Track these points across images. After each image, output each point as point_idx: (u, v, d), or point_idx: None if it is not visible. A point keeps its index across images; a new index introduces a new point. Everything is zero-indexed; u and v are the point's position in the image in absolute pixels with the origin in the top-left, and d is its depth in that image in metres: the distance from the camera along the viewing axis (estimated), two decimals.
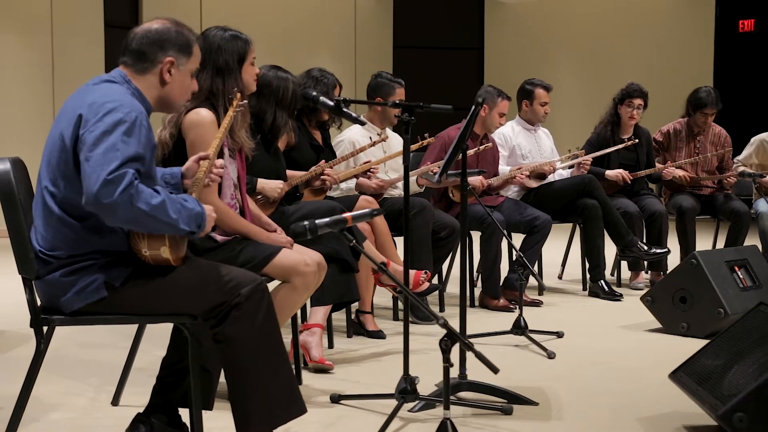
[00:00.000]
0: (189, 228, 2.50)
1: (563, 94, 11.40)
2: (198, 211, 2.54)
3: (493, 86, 5.69)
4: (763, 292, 4.73)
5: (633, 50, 11.67)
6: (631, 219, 5.93)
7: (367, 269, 4.47)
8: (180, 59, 2.69)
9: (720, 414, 2.73)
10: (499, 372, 2.63)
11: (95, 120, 2.45)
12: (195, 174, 2.78)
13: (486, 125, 5.59)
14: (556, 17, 12.28)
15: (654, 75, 10.61)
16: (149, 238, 2.52)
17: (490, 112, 5.54)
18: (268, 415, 2.60)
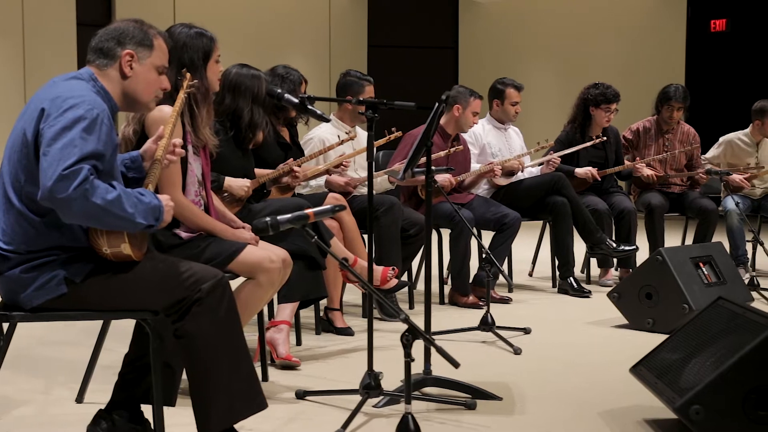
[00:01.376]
0: (146, 221, 2.51)
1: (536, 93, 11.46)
2: (155, 204, 2.54)
3: (464, 86, 5.72)
4: (727, 288, 4.79)
5: (606, 50, 11.75)
6: (600, 216, 5.98)
7: (336, 266, 4.48)
8: (140, 53, 2.69)
9: (677, 407, 2.76)
10: (459, 366, 2.67)
11: (56, 115, 2.46)
12: (152, 156, 2.78)
13: (459, 125, 5.61)
14: (530, 17, 12.35)
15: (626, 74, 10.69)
16: (108, 235, 2.52)
17: (463, 112, 5.56)
18: (228, 410, 2.61)
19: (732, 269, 5.13)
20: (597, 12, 11.94)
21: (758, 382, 2.72)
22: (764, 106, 6.58)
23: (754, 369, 2.73)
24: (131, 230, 2.52)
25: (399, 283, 4.42)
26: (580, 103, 6.31)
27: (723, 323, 3.07)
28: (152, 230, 2.58)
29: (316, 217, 2.81)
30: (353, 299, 5.44)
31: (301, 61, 10.36)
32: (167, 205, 2.59)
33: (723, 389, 2.72)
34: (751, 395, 2.72)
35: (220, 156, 3.70)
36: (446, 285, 5.71)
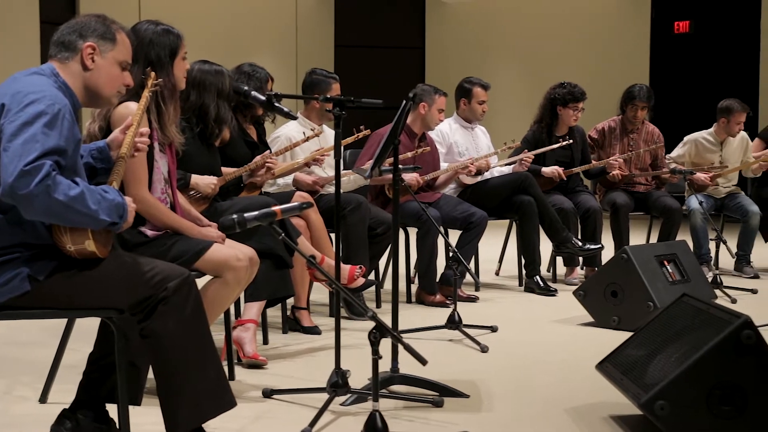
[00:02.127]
0: (110, 219, 2.48)
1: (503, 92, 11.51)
2: (119, 201, 2.52)
3: (428, 84, 5.74)
4: (691, 286, 4.84)
5: (571, 50, 11.83)
6: (566, 215, 6.01)
7: (303, 265, 4.48)
8: (102, 45, 2.66)
9: (642, 402, 2.78)
10: (427, 364, 2.67)
11: (17, 110, 2.42)
12: (119, 145, 2.75)
13: (426, 123, 5.63)
14: (497, 17, 12.40)
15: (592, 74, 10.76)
16: (72, 232, 2.49)
17: (429, 110, 5.58)
18: (196, 410, 2.59)
19: (696, 267, 5.19)
20: (563, 13, 12.02)
21: (722, 377, 2.75)
22: (730, 104, 6.66)
23: (717, 365, 2.76)
24: (94, 227, 2.49)
25: (366, 282, 4.42)
26: (547, 103, 6.35)
27: (687, 320, 3.10)
28: (116, 228, 2.54)
29: (284, 215, 2.80)
30: (320, 298, 5.43)
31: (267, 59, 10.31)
32: (129, 206, 2.57)
33: (687, 385, 2.75)
34: (715, 390, 2.74)
35: (186, 154, 3.68)
36: (413, 284, 5.72)
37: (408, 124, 5.57)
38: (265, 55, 10.84)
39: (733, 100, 6.68)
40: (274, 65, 10.64)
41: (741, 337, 2.76)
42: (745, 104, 6.71)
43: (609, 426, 3.14)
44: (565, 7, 12.01)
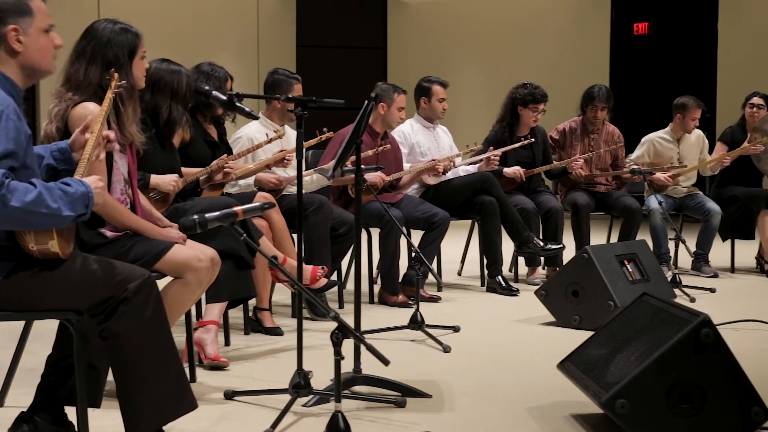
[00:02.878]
0: (75, 212, 2.43)
1: (465, 92, 11.56)
2: (82, 191, 2.45)
3: (387, 83, 5.75)
4: (651, 285, 4.89)
5: (532, 51, 11.90)
6: (528, 216, 6.04)
7: (265, 266, 4.45)
8: (22, 23, 2.56)
9: (603, 401, 2.80)
10: (389, 364, 2.67)
11: None
12: (81, 146, 2.71)
13: (387, 122, 5.64)
14: (459, 17, 12.43)
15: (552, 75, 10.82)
16: (36, 232, 2.45)
17: (389, 109, 5.59)
18: (157, 412, 2.57)
19: (655, 267, 5.24)
20: (524, 14, 12.08)
21: (681, 375, 2.77)
22: (685, 101, 6.74)
23: (676, 363, 2.78)
24: (61, 225, 2.44)
25: (328, 283, 4.41)
26: (509, 103, 6.38)
27: (647, 319, 3.13)
28: (84, 218, 2.49)
29: (245, 215, 2.79)
30: (283, 299, 5.41)
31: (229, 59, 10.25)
32: (96, 186, 2.50)
33: (647, 383, 2.77)
34: (674, 388, 2.77)
35: (145, 154, 3.64)
36: (376, 284, 5.72)
37: (370, 124, 5.57)
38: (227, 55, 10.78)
39: (688, 97, 6.76)
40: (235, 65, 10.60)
41: (700, 336, 2.79)
42: (700, 101, 6.80)
43: (570, 425, 3.16)
44: (527, 8, 12.08)
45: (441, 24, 12.53)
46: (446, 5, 12.53)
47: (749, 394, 2.82)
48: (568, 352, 3.40)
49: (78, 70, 3.21)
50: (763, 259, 6.81)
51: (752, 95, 6.97)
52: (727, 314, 4.92)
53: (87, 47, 3.24)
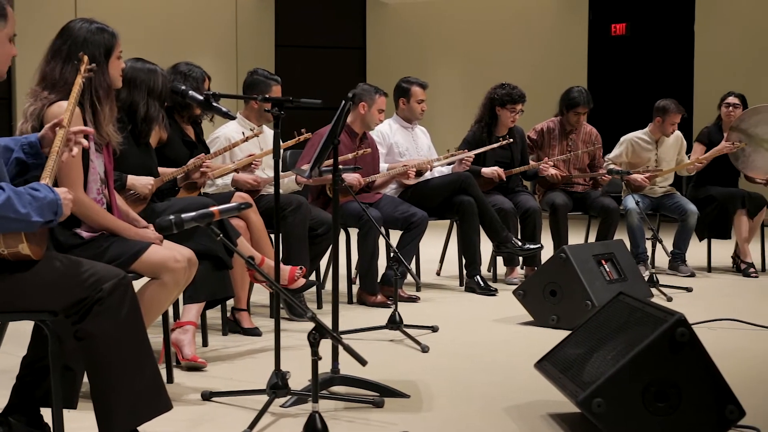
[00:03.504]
0: (43, 218, 2.42)
1: (443, 93, 11.57)
2: (51, 198, 2.45)
3: (368, 84, 5.75)
4: (628, 285, 4.91)
5: (511, 51, 11.93)
6: (506, 215, 6.06)
7: (243, 267, 4.44)
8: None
9: (580, 400, 2.81)
10: (367, 364, 2.68)
11: None
12: (51, 142, 2.69)
13: (366, 123, 5.64)
14: (438, 18, 12.45)
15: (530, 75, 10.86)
16: (5, 235, 2.43)
17: (369, 110, 5.59)
18: (132, 412, 2.55)
19: (632, 266, 5.27)
20: (503, 14, 12.11)
21: (656, 374, 2.79)
22: (666, 105, 6.78)
23: (652, 362, 2.80)
24: (29, 230, 2.44)
25: (307, 283, 4.40)
26: (487, 103, 6.40)
27: (623, 318, 3.15)
28: (52, 224, 2.49)
29: (222, 215, 2.78)
30: (261, 300, 5.40)
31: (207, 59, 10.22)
32: (65, 198, 2.50)
33: (623, 382, 2.78)
34: (650, 387, 2.78)
35: (121, 154, 3.63)
36: (354, 284, 5.72)
37: (348, 124, 5.57)
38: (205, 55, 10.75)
39: (670, 101, 6.79)
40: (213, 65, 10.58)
41: (675, 335, 2.81)
42: (681, 106, 6.83)
43: (547, 424, 3.17)
44: (505, 9, 12.12)
45: (420, 24, 12.54)
46: (425, 5, 12.55)
47: (724, 393, 2.84)
48: (546, 351, 3.41)
49: (54, 69, 3.20)
50: (739, 258, 6.86)
51: (727, 95, 7.02)
52: (704, 313, 4.96)
53: (63, 46, 3.23)
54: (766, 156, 6.82)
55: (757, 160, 6.84)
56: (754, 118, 6.80)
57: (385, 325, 4.48)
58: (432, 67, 11.94)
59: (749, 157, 6.85)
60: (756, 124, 6.78)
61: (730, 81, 9.47)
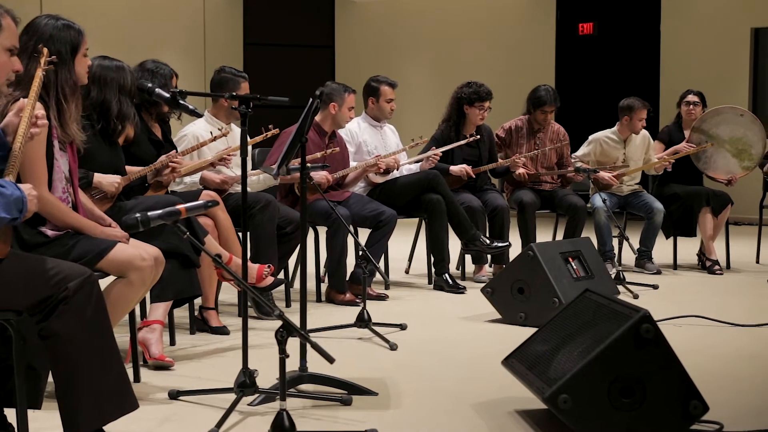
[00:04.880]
0: (9, 215, 2.39)
1: (412, 91, 11.58)
2: (17, 195, 2.42)
3: (337, 82, 5.74)
4: (595, 282, 4.95)
5: (479, 50, 11.97)
6: (474, 214, 6.08)
7: (211, 265, 4.42)
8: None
9: (546, 396, 2.83)
10: (334, 362, 2.68)
11: None
12: (15, 130, 2.65)
13: (337, 121, 5.64)
14: (407, 16, 12.46)
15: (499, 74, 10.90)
16: None
17: (339, 109, 5.59)
18: (97, 412, 2.54)
19: (599, 264, 5.31)
20: (471, 13, 12.15)
21: (622, 370, 2.81)
22: (631, 102, 6.84)
23: (617, 358, 2.82)
24: None
25: (275, 281, 4.40)
26: (454, 102, 6.42)
27: (589, 315, 3.17)
28: (16, 222, 2.46)
29: (188, 213, 2.78)
30: (229, 298, 5.38)
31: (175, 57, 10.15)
32: (30, 194, 2.47)
33: (589, 378, 2.80)
34: (615, 383, 2.81)
35: (88, 152, 3.60)
36: (323, 282, 5.71)
37: (318, 123, 5.57)
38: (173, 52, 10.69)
39: (633, 99, 6.86)
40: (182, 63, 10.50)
41: (640, 331, 2.83)
42: (645, 102, 6.90)
43: (514, 420, 3.19)
44: (474, 8, 12.15)
45: (389, 22, 12.55)
46: (394, 4, 12.56)
47: (688, 388, 2.87)
48: (513, 348, 3.43)
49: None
50: (704, 255, 6.94)
51: (687, 93, 7.11)
52: (670, 310, 5.01)
53: (29, 42, 3.20)
54: (726, 156, 6.90)
55: (719, 161, 6.93)
56: (715, 119, 6.89)
57: (353, 323, 4.48)
58: (401, 66, 11.95)
59: (711, 158, 6.93)
60: (717, 124, 6.87)
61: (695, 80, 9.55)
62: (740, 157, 6.90)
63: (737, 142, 6.88)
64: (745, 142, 6.87)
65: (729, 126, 6.86)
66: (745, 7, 10.71)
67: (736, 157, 6.90)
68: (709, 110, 6.94)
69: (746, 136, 6.85)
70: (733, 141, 6.87)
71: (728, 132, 6.86)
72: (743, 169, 6.92)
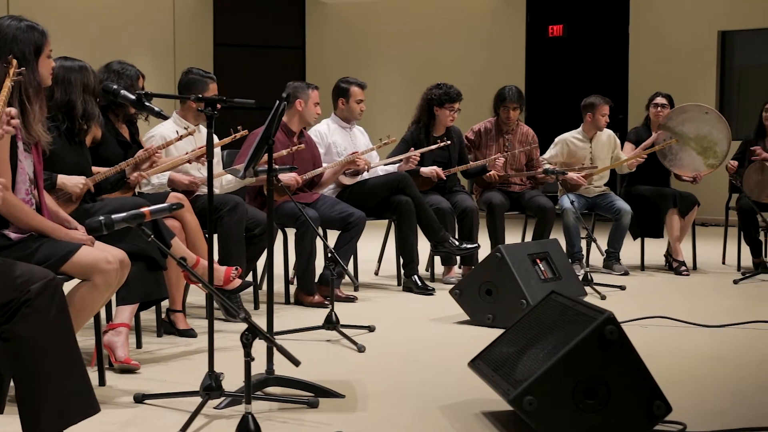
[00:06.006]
0: None
1: (383, 92, 11.60)
2: None
3: (298, 81, 5.74)
4: (562, 284, 4.98)
5: (450, 52, 12.01)
6: (444, 215, 6.10)
7: (178, 267, 4.39)
8: None
9: (512, 398, 2.84)
10: (300, 364, 2.68)
11: None
12: None
13: (304, 118, 5.64)
14: (377, 18, 12.48)
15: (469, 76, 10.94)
16: None
17: (306, 106, 5.59)
18: (58, 415, 2.52)
19: (567, 265, 5.34)
20: (441, 14, 12.19)
21: (586, 372, 2.83)
22: (593, 100, 6.91)
23: (582, 360, 2.84)
24: None
25: (243, 284, 4.39)
26: (424, 103, 6.43)
27: (555, 316, 3.19)
28: None
29: (153, 216, 2.76)
30: (197, 300, 5.36)
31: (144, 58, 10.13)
32: None
33: (554, 380, 2.82)
34: (580, 385, 2.82)
35: (54, 153, 3.58)
36: (292, 284, 5.70)
37: (285, 123, 5.56)
38: (142, 54, 10.63)
39: (593, 96, 6.94)
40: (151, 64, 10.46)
41: (604, 333, 2.85)
42: (606, 97, 6.96)
43: (480, 422, 3.20)
44: (444, 9, 12.19)
45: (359, 24, 12.56)
46: (365, 6, 12.56)
47: (652, 389, 2.90)
48: (480, 349, 3.44)
49: None
50: (671, 257, 6.99)
51: (655, 95, 7.18)
52: (636, 311, 5.05)
53: None
54: (692, 154, 6.97)
55: (685, 158, 7.00)
56: (681, 116, 6.96)
57: (321, 325, 4.47)
58: (371, 67, 11.96)
59: (677, 155, 7.00)
60: (683, 122, 6.95)
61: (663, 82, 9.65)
62: (705, 154, 6.97)
63: (702, 140, 6.95)
64: (711, 140, 6.94)
65: (694, 124, 6.94)
66: (712, 11, 10.83)
67: (702, 155, 6.97)
68: (675, 108, 7.01)
69: (711, 134, 6.92)
70: (699, 139, 6.94)
71: (694, 130, 6.93)
72: (708, 166, 6.99)
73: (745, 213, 6.79)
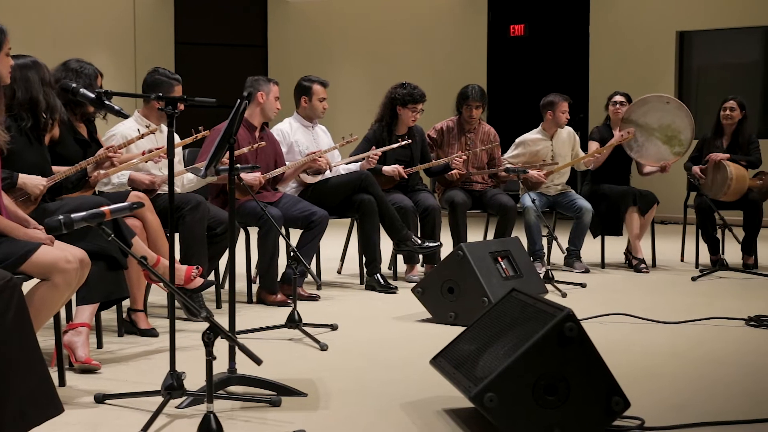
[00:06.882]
0: None
1: (346, 91, 11.61)
2: None
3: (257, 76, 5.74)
4: (523, 281, 5.02)
5: (412, 51, 12.04)
6: (406, 214, 6.12)
7: (139, 267, 4.38)
8: None
9: (473, 395, 2.86)
10: (262, 363, 2.68)
11: None
12: None
13: (265, 112, 5.63)
14: (340, 16, 12.48)
15: (431, 75, 10.99)
16: None
17: (267, 98, 5.59)
18: (20, 417, 2.50)
19: (528, 263, 5.39)
20: (403, 13, 12.22)
21: (546, 369, 2.86)
22: (552, 98, 6.98)
23: (541, 357, 2.87)
24: None
25: (204, 283, 4.38)
26: (388, 103, 6.45)
27: (515, 314, 3.21)
28: None
29: (113, 215, 2.74)
30: (159, 300, 5.33)
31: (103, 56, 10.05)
32: None
33: (514, 377, 2.84)
34: (540, 381, 2.85)
35: (14, 152, 3.55)
36: (255, 283, 5.69)
37: (246, 118, 5.55)
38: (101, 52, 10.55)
39: (552, 94, 7.01)
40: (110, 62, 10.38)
41: (564, 330, 2.88)
42: (565, 95, 7.03)
43: (442, 419, 3.22)
44: (406, 8, 12.22)
45: (322, 22, 12.55)
46: (327, 4, 12.56)
47: (610, 385, 2.93)
48: (442, 347, 3.46)
49: None
50: (631, 254, 7.07)
51: (614, 94, 7.29)
52: (597, 308, 5.10)
53: None
54: (657, 144, 7.07)
55: (650, 148, 7.09)
56: (643, 108, 7.06)
57: (284, 324, 4.47)
58: (334, 66, 11.97)
59: (642, 146, 7.09)
60: (645, 113, 7.05)
61: (622, 82, 9.77)
62: (671, 143, 7.07)
63: (666, 129, 7.04)
64: (674, 129, 7.04)
65: (657, 114, 7.03)
66: (671, 11, 10.97)
67: (667, 144, 7.07)
68: (635, 101, 7.10)
69: (674, 123, 7.03)
70: (663, 128, 7.04)
71: (657, 120, 7.03)
72: (674, 154, 7.09)
73: (703, 211, 6.89)
